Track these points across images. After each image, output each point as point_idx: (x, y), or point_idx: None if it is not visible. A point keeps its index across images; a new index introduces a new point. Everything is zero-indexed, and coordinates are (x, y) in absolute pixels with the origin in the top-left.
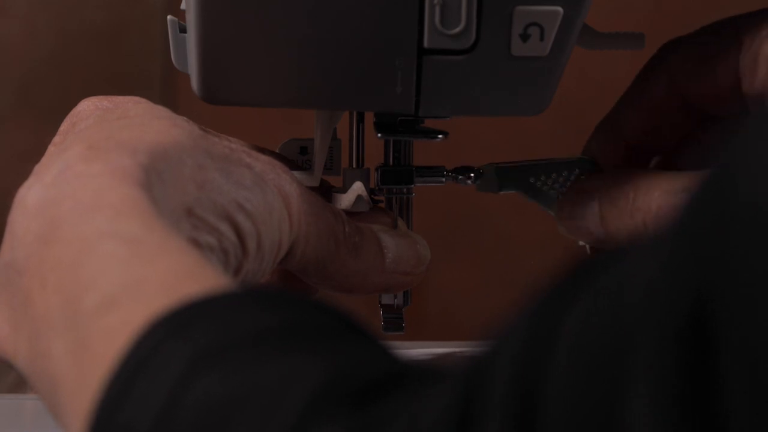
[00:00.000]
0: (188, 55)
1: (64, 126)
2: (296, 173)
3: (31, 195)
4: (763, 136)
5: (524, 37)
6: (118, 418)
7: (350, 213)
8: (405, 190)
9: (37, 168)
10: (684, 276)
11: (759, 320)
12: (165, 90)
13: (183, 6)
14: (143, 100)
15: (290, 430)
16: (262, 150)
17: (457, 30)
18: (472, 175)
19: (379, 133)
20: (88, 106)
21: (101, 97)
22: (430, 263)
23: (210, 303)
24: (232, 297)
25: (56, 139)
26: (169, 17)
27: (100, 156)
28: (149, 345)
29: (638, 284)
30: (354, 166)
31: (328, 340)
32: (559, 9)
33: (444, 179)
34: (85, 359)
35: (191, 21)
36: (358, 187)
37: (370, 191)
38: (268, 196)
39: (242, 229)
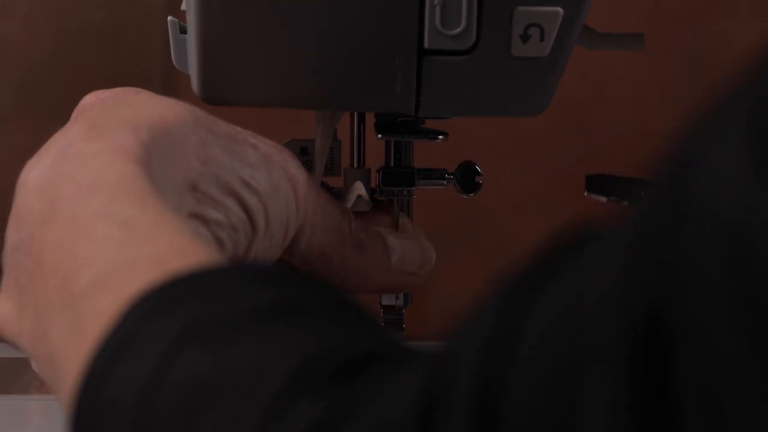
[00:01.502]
0: (188, 55)
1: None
2: None
3: (32, 175)
4: (714, 138)
5: (524, 37)
6: (102, 394)
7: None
8: (406, 192)
9: (40, 150)
10: (638, 283)
11: (710, 330)
12: (165, 90)
13: (183, 6)
14: (143, 90)
15: (267, 408)
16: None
17: (457, 30)
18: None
19: (379, 133)
20: (91, 99)
21: (102, 90)
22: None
23: (196, 279)
24: (219, 273)
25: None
26: (169, 18)
27: (100, 134)
28: (134, 321)
29: (595, 289)
30: (354, 167)
31: (312, 318)
32: (559, 9)
33: (445, 182)
34: (77, 339)
35: (191, 21)
36: (358, 187)
37: (371, 192)
38: (273, 175)
39: (249, 205)
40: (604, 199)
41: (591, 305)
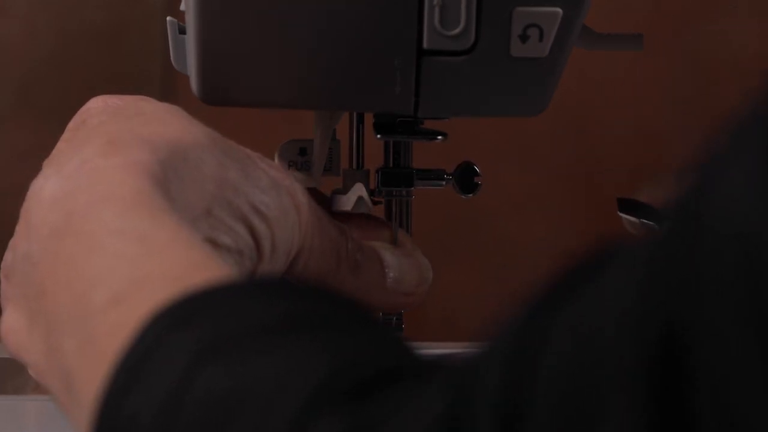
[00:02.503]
0: (187, 55)
1: (73, 123)
2: (296, 174)
3: (48, 187)
4: (730, 159)
5: (523, 37)
6: (121, 411)
7: (350, 220)
8: (404, 192)
9: (49, 161)
10: (655, 302)
11: (727, 349)
12: (165, 90)
13: (182, 6)
14: (151, 99)
15: (291, 424)
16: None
17: (456, 31)
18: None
19: (378, 133)
20: (98, 103)
21: (109, 95)
22: (429, 263)
23: (214, 293)
24: (236, 287)
25: (66, 135)
26: (168, 18)
27: (119, 150)
28: (152, 337)
29: (614, 308)
30: (353, 167)
31: (331, 331)
32: (559, 10)
33: (444, 183)
34: (93, 355)
35: (191, 22)
36: (359, 189)
37: (370, 193)
38: (283, 199)
39: (258, 232)
40: (636, 220)
41: (610, 325)
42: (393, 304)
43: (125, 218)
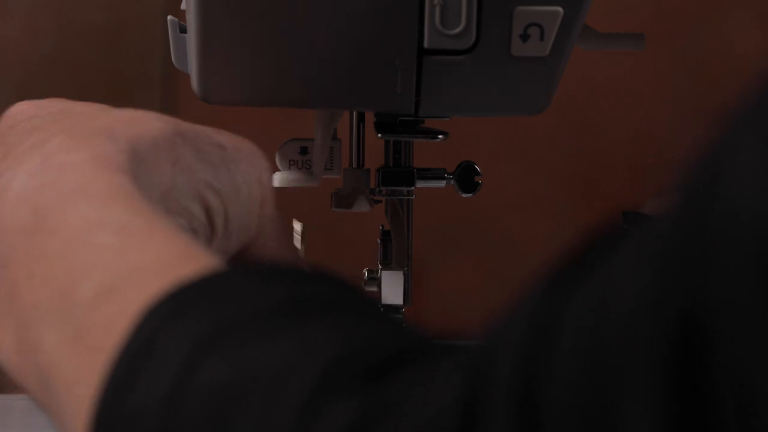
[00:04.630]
0: (188, 55)
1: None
2: (297, 174)
3: (13, 185)
4: (743, 142)
5: (524, 37)
6: (123, 406)
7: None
8: (405, 191)
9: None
10: (672, 283)
11: (749, 335)
12: (165, 90)
13: (183, 6)
14: (77, 102)
15: (300, 410)
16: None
17: (457, 30)
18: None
19: (379, 133)
20: (25, 107)
21: (32, 101)
22: (430, 262)
23: (209, 282)
24: (231, 275)
25: None
26: (169, 17)
27: (80, 144)
28: (151, 329)
29: (630, 289)
30: (354, 167)
31: (334, 314)
32: (559, 9)
33: (445, 182)
34: (83, 349)
35: (191, 21)
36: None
37: (371, 192)
38: (236, 176)
39: (211, 207)
40: None
41: (627, 305)
42: None
43: (103, 211)
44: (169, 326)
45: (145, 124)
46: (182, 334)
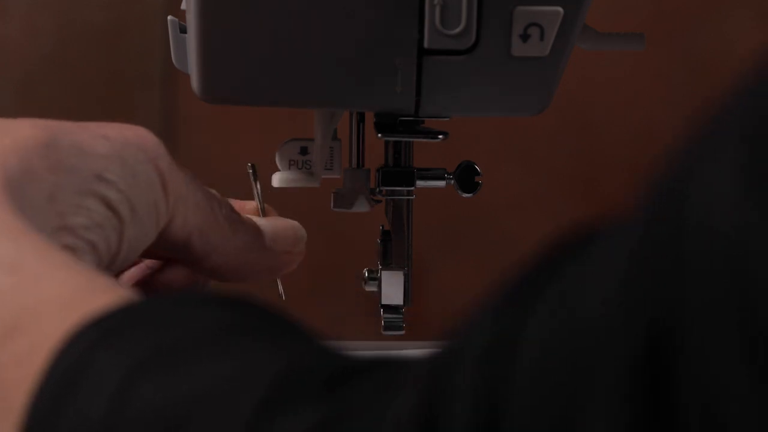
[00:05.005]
0: (188, 54)
1: None
2: (297, 174)
3: None
4: (711, 154)
5: (524, 37)
6: None
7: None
8: (405, 191)
9: None
10: (639, 295)
11: (711, 347)
12: (165, 90)
13: (183, 6)
14: None
15: (247, 423)
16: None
17: (457, 30)
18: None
19: (379, 133)
20: None
21: None
22: (430, 262)
23: (131, 310)
24: (151, 303)
25: None
26: (169, 17)
27: None
28: (75, 360)
29: (595, 299)
30: (354, 167)
31: (269, 336)
32: (559, 9)
33: (445, 182)
34: None
35: (191, 21)
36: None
37: (371, 192)
38: (129, 160)
39: (110, 199)
40: None
41: (591, 316)
42: (275, 265)
43: None
44: (97, 354)
45: (12, 134)
46: (112, 360)
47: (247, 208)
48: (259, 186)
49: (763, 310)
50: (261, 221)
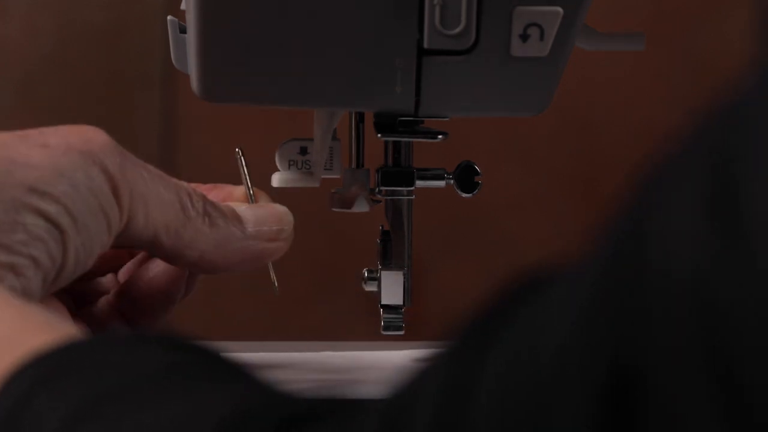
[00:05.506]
0: (188, 54)
1: None
2: (296, 174)
3: None
4: (672, 190)
5: (524, 37)
6: None
7: (199, 187)
8: (405, 191)
9: None
10: (599, 335)
11: (676, 384)
12: (165, 90)
13: (183, 6)
14: None
15: None
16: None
17: (457, 30)
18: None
19: (379, 133)
20: None
21: None
22: (430, 262)
23: (72, 350)
24: (93, 343)
25: None
26: (169, 17)
27: None
28: (12, 403)
29: (552, 340)
30: (354, 167)
31: (217, 378)
32: (559, 9)
33: (444, 182)
34: None
35: (191, 21)
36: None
37: (371, 192)
38: (66, 168)
39: (47, 211)
40: None
41: (548, 358)
42: (259, 254)
43: None
44: (36, 398)
45: None
46: (52, 404)
47: (236, 194)
48: (247, 171)
49: (728, 345)
50: (243, 209)
